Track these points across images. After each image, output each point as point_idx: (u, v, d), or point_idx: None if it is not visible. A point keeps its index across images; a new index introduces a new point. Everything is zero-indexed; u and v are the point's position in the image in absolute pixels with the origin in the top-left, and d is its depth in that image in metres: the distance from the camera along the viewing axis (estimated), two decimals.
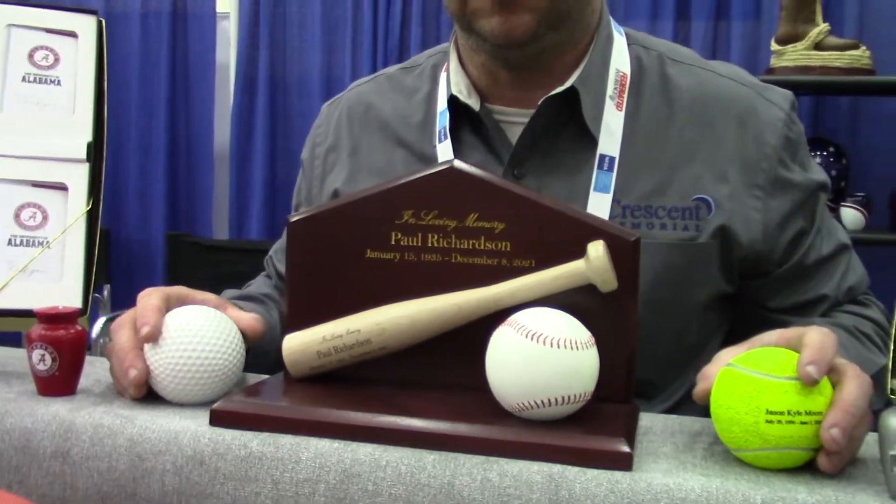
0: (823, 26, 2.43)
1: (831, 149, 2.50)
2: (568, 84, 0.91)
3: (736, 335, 1.00)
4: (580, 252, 0.68)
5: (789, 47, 2.45)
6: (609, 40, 0.95)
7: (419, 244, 0.72)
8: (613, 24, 0.98)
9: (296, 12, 3.05)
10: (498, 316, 0.67)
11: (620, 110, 0.92)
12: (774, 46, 2.49)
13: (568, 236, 0.69)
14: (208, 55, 3.17)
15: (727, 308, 0.98)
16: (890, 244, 2.45)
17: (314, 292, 0.74)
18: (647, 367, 0.76)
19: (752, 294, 0.97)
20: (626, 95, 0.93)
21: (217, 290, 2.73)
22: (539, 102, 0.91)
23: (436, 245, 0.71)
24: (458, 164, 0.72)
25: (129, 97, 3.16)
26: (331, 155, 1.05)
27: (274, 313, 1.03)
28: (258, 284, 1.12)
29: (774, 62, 2.48)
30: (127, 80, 3.15)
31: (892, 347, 0.63)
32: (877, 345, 0.93)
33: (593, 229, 0.69)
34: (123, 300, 2.75)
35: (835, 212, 2.46)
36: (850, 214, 2.42)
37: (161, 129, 3.14)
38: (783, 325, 0.93)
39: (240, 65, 3.09)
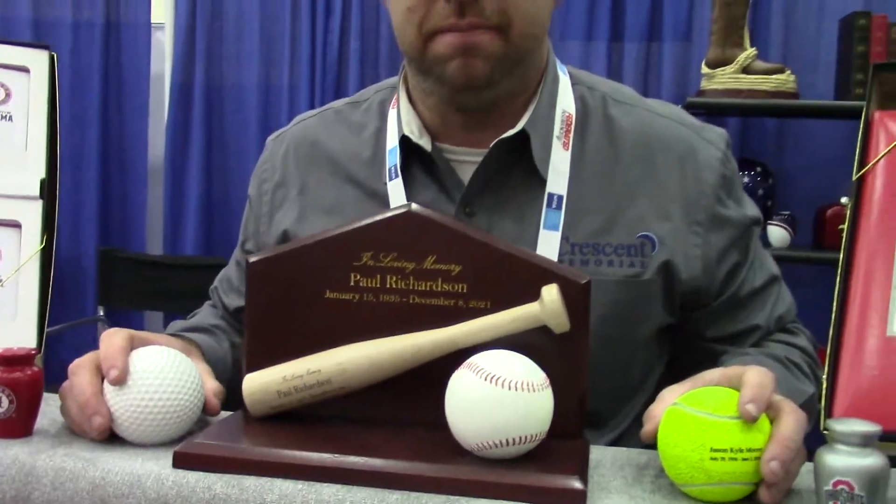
0: (751, 51, 2.52)
1: (758, 169, 2.59)
2: (519, 127, 0.94)
3: (676, 363, 1.05)
4: (534, 293, 0.71)
5: (718, 70, 2.53)
6: (555, 81, 0.98)
7: (378, 285, 0.74)
8: (558, 64, 1.01)
9: (233, 24, 3.02)
10: (456, 356, 0.69)
11: (567, 150, 0.96)
12: (704, 69, 2.57)
13: (522, 278, 0.72)
14: (142, 66, 3.12)
15: (668, 338, 1.03)
16: (814, 261, 2.54)
17: (274, 332, 0.75)
18: (596, 399, 0.79)
19: (691, 325, 1.01)
20: (571, 135, 0.96)
21: (151, 305, 2.69)
22: (491, 144, 0.93)
23: (394, 286, 0.73)
24: (417, 208, 0.75)
25: (61, 108, 3.09)
26: (279, 191, 1.06)
27: (224, 343, 1.03)
28: (204, 314, 1.12)
29: (705, 84, 2.56)
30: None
31: (825, 374, 0.67)
32: (805, 373, 0.98)
33: (546, 272, 0.72)
34: (54, 316, 2.69)
35: (762, 229, 2.55)
36: (777, 232, 2.51)
37: (94, 142, 3.07)
38: (719, 353, 0.98)
39: (175, 76, 3.04)
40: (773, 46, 2.68)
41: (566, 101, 0.98)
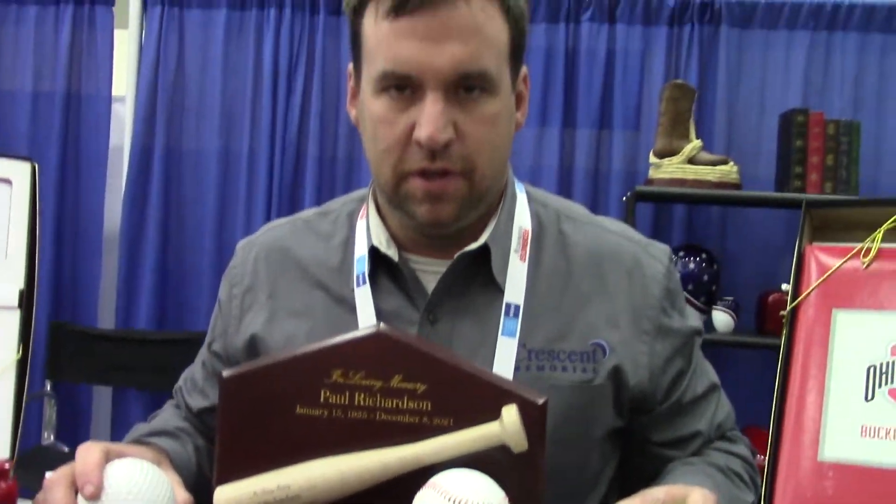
0: (697, 142, 2.63)
1: (704, 255, 2.69)
2: (481, 242, 1.00)
3: (625, 464, 1.10)
4: (495, 411, 0.75)
5: (666, 161, 2.64)
6: (513, 199, 1.05)
7: (347, 402, 0.78)
8: (516, 183, 1.07)
9: (194, 100, 3.06)
10: (421, 471, 0.73)
11: (524, 262, 1.02)
12: (653, 159, 2.68)
13: (484, 397, 0.76)
14: (101, 138, 3.13)
15: (619, 440, 1.08)
16: (757, 346, 2.63)
17: (245, 445, 0.78)
18: (552, 499, 0.83)
19: (639, 428, 1.06)
20: (528, 249, 1.03)
21: (100, 379, 2.64)
22: (455, 256, 0.99)
23: (362, 403, 0.77)
24: (385, 328, 0.79)
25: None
26: (248, 296, 1.09)
27: (189, 447, 1.05)
28: (168, 416, 1.14)
29: (653, 173, 2.67)
30: None
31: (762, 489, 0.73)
32: (745, 482, 1.04)
33: (506, 392, 0.77)
34: None
35: (707, 314, 2.64)
36: (721, 317, 2.60)
37: (49, 213, 3.06)
38: (665, 457, 1.04)
39: (134, 149, 3.05)
40: (718, 138, 2.80)
41: (523, 218, 1.04)
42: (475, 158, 0.93)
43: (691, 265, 2.65)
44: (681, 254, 2.69)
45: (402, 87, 0.91)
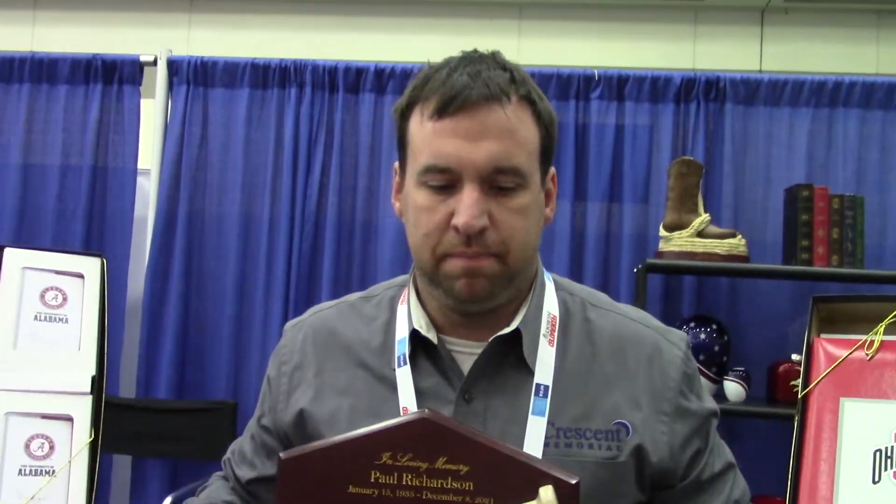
0: (705, 216, 2.72)
1: (714, 326, 2.75)
2: (513, 326, 1.08)
3: None
4: (532, 490, 0.82)
5: (675, 234, 2.72)
6: (542, 287, 1.13)
7: (395, 482, 0.84)
8: (545, 273, 1.16)
9: (217, 174, 3.16)
10: None
11: (552, 346, 1.10)
12: (662, 232, 2.76)
13: (522, 477, 0.83)
14: (126, 210, 3.22)
15: None
16: (768, 416, 2.67)
17: None
18: None
19: None
20: (556, 333, 1.11)
21: (120, 448, 2.66)
22: (489, 340, 1.07)
23: (409, 483, 0.84)
24: (430, 414, 0.86)
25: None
26: (297, 374, 1.17)
27: None
28: (217, 488, 1.21)
29: (663, 246, 2.75)
30: (42, 232, 3.17)
31: None
32: None
33: (542, 473, 0.84)
34: None
35: (719, 384, 2.69)
36: (733, 388, 2.65)
37: None
38: None
39: (158, 220, 3.14)
40: (725, 212, 2.89)
41: (551, 305, 1.13)
42: (508, 243, 1.02)
43: (702, 336, 2.72)
44: (691, 324, 2.75)
45: (444, 181, 1.01)
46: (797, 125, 2.93)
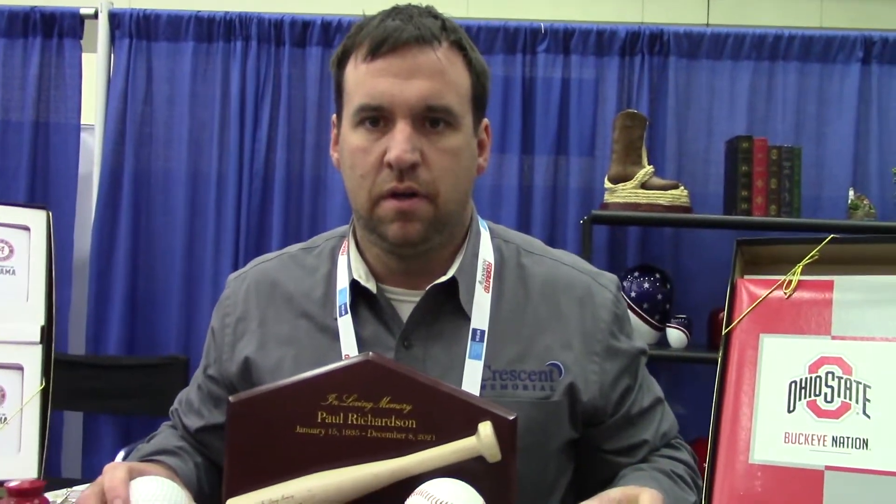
0: (649, 168, 2.78)
1: (657, 275, 2.82)
2: (449, 275, 1.12)
3: (579, 471, 1.22)
4: (471, 426, 0.87)
5: (619, 186, 2.78)
6: (477, 235, 1.17)
7: (341, 421, 0.88)
8: (480, 220, 1.19)
9: (162, 128, 3.13)
10: (408, 481, 0.84)
11: (487, 292, 1.14)
12: (607, 184, 2.82)
13: (461, 416, 0.88)
14: (70, 167, 3.17)
15: (573, 450, 1.20)
16: (708, 361, 2.76)
17: (251, 461, 0.88)
18: (518, 500, 0.94)
19: (591, 439, 1.19)
20: (491, 280, 1.14)
21: (71, 405, 2.65)
22: (427, 288, 1.10)
23: (355, 422, 0.88)
24: (374, 356, 0.90)
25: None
26: (240, 325, 1.19)
27: (189, 464, 1.14)
28: (166, 436, 1.23)
29: (608, 197, 2.81)
30: None
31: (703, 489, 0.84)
32: (688, 484, 1.16)
33: (481, 410, 0.88)
34: None
35: (661, 331, 2.77)
36: (675, 334, 2.74)
37: None
38: (615, 464, 1.17)
39: (103, 176, 3.10)
40: (669, 164, 2.95)
41: (486, 252, 1.16)
42: (438, 184, 1.05)
43: (646, 285, 2.79)
44: (636, 274, 2.82)
45: (376, 119, 1.05)
46: (738, 78, 2.99)
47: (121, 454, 2.65)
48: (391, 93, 1.03)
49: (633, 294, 2.75)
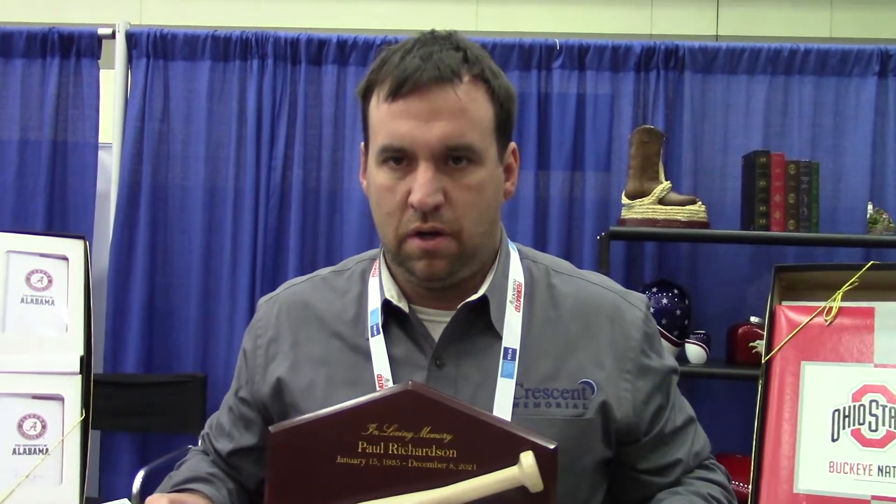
0: (666, 184, 2.78)
1: (675, 290, 2.82)
2: (480, 293, 1.12)
3: (613, 490, 1.21)
4: (513, 455, 0.87)
5: (637, 202, 2.78)
6: (507, 256, 1.18)
7: (382, 451, 0.88)
8: (509, 242, 1.20)
9: (179, 147, 3.14)
10: None
11: (518, 311, 1.14)
12: (624, 200, 2.81)
13: (502, 444, 0.88)
14: (88, 185, 3.18)
15: (607, 469, 1.20)
16: (727, 377, 2.76)
17: (292, 490, 0.88)
18: None
19: (624, 458, 1.19)
20: (522, 299, 1.15)
21: (94, 423, 2.65)
22: (458, 307, 1.11)
23: (396, 452, 0.88)
24: (414, 386, 0.90)
25: (3, 227, 3.14)
26: (272, 346, 1.20)
27: (223, 491, 1.15)
28: (197, 462, 1.23)
29: (625, 213, 2.81)
30: (1, 210, 3.14)
31: None
32: None
33: (522, 439, 0.88)
34: None
35: (680, 347, 2.77)
36: (694, 350, 2.73)
37: None
38: (649, 484, 1.17)
39: (120, 195, 3.10)
40: (685, 179, 2.95)
41: (516, 272, 1.17)
42: (462, 221, 1.06)
43: (664, 300, 2.78)
44: (654, 290, 2.82)
45: (399, 159, 1.05)
46: (754, 92, 2.99)
47: (140, 474, 2.66)
48: (412, 135, 1.04)
49: (651, 310, 2.74)
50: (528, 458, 0.85)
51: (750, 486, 0.90)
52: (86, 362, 0.93)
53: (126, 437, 3.07)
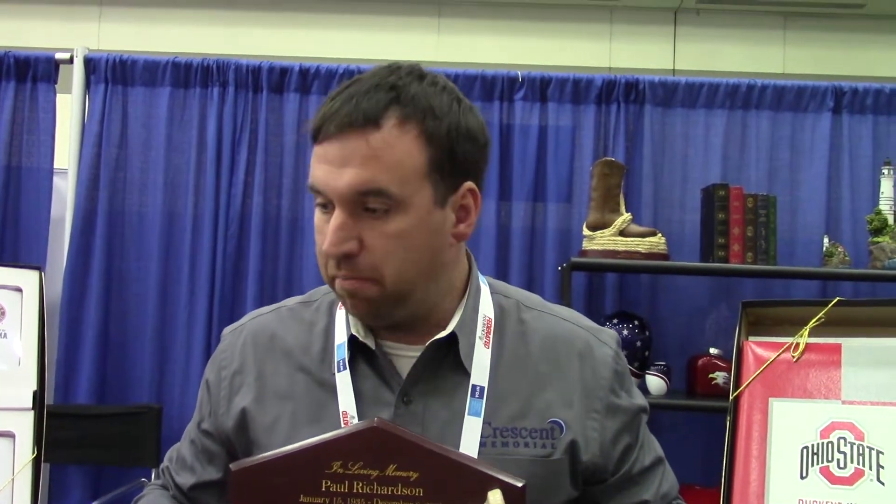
0: (627, 216, 2.80)
1: (636, 322, 2.83)
2: (449, 330, 1.10)
3: None
4: (480, 494, 0.85)
5: (598, 233, 2.79)
6: (477, 291, 1.16)
7: (346, 490, 0.86)
8: (480, 276, 1.18)
9: (137, 173, 3.09)
10: None
11: (488, 347, 1.13)
12: (586, 231, 2.83)
13: (470, 483, 0.86)
14: (42, 211, 3.12)
15: None
16: (688, 409, 2.77)
17: None
18: None
19: (591, 497, 1.17)
20: (491, 335, 1.13)
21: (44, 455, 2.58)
22: (426, 344, 1.09)
23: (360, 491, 0.86)
24: (380, 423, 0.88)
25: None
26: (237, 378, 1.17)
27: None
28: (158, 499, 1.19)
29: (586, 245, 2.82)
30: None
31: None
32: None
33: (490, 478, 0.86)
34: None
35: (640, 378, 2.77)
36: (654, 382, 2.74)
37: None
38: None
39: (76, 222, 3.04)
40: (645, 211, 2.97)
41: (486, 308, 1.15)
42: (381, 268, 1.04)
43: (625, 331, 2.79)
44: (614, 321, 2.83)
45: (324, 203, 1.05)
46: (712, 126, 3.04)
47: None
48: (325, 180, 1.03)
49: (617, 334, 2.75)
50: (496, 496, 0.84)
51: None
52: (39, 397, 0.89)
53: (77, 470, 2.99)
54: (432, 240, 1.07)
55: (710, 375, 2.72)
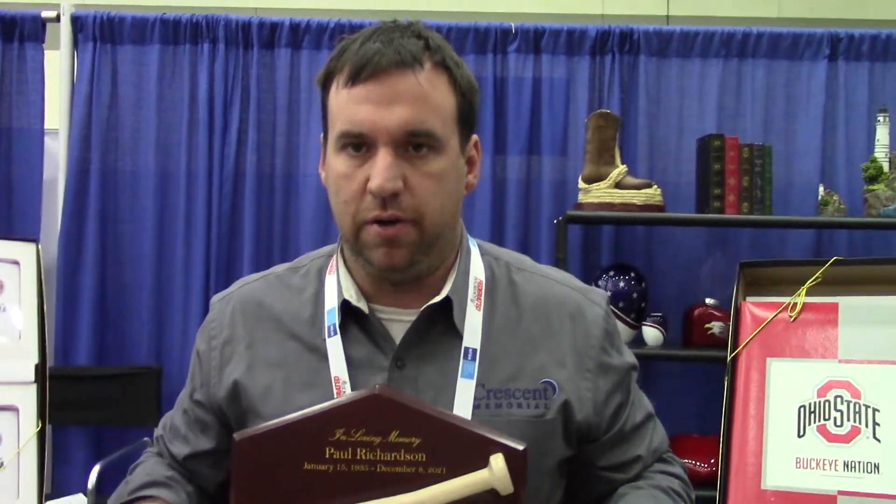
0: (622, 168, 2.79)
1: (632, 274, 2.84)
2: (443, 294, 1.10)
3: (572, 487, 1.22)
4: (482, 458, 0.86)
5: (594, 186, 2.79)
6: (468, 254, 1.16)
7: (349, 457, 0.87)
8: (469, 239, 1.18)
9: (129, 135, 3.07)
10: None
11: (479, 310, 1.13)
12: (581, 184, 2.82)
13: (472, 447, 0.87)
14: (34, 172, 3.10)
15: (566, 466, 1.20)
16: (684, 359, 2.79)
17: (259, 500, 0.87)
18: None
19: (585, 455, 1.18)
20: (483, 298, 1.14)
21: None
22: (421, 309, 1.09)
23: (364, 457, 0.87)
24: (381, 390, 0.88)
25: None
26: (227, 347, 1.17)
27: (182, 495, 1.12)
28: (153, 465, 1.19)
29: (582, 198, 2.81)
30: None
31: None
32: (683, 499, 1.16)
33: (492, 441, 0.87)
34: None
35: (637, 329, 2.79)
36: (651, 332, 2.75)
37: None
38: (609, 480, 1.17)
39: (69, 183, 3.03)
40: (641, 163, 2.96)
41: (477, 270, 1.16)
42: (423, 208, 1.04)
43: (621, 283, 2.80)
44: (611, 273, 2.83)
45: (359, 145, 1.03)
46: (707, 76, 3.02)
47: (96, 469, 2.61)
48: (372, 120, 1.01)
49: (608, 293, 2.76)
50: (498, 460, 0.85)
51: (718, 485, 0.91)
52: (41, 370, 0.89)
53: (79, 431, 3.01)
54: (459, 186, 1.10)
55: (707, 325, 2.74)
